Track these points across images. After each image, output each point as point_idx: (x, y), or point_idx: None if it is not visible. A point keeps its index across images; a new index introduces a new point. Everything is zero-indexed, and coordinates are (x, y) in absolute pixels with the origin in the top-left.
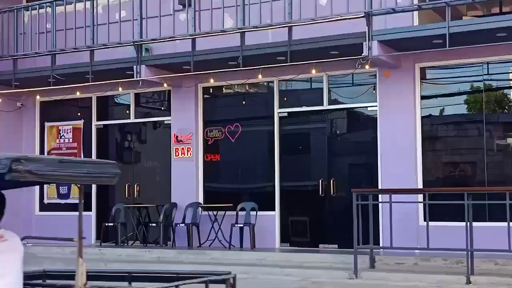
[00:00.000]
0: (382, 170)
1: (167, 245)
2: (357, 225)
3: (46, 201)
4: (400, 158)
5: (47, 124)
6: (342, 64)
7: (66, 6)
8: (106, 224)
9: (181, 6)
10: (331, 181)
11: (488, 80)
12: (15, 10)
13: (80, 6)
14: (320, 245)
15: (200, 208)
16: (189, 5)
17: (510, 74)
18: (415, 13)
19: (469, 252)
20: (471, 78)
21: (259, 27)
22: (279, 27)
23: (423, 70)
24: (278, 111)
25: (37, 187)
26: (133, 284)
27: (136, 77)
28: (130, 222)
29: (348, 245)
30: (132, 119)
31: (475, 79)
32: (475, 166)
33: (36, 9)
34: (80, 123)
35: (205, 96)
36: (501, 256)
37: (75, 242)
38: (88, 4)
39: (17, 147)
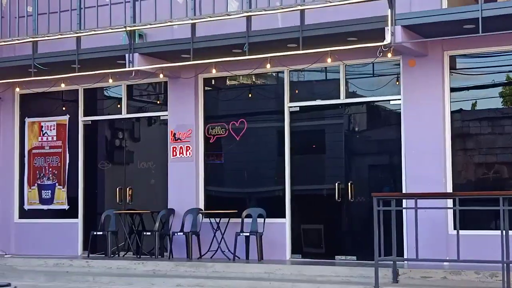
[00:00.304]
0: (407, 172)
1: (163, 257)
2: (378, 234)
3: (26, 207)
4: (427, 159)
5: (27, 120)
6: (361, 52)
7: None
8: (95, 233)
9: None
10: (349, 184)
11: None
12: None
13: None
14: (336, 256)
15: (200, 215)
16: None
17: None
18: None
19: (505, 264)
20: (507, 67)
21: (267, 10)
22: (290, 10)
23: (452, 59)
24: (288, 105)
25: (16, 191)
26: None
27: (129, 67)
28: (121, 230)
29: (368, 257)
30: (124, 114)
31: None
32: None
33: None
34: (65, 118)
35: (206, 88)
36: None
37: (58, 253)
38: None
39: None
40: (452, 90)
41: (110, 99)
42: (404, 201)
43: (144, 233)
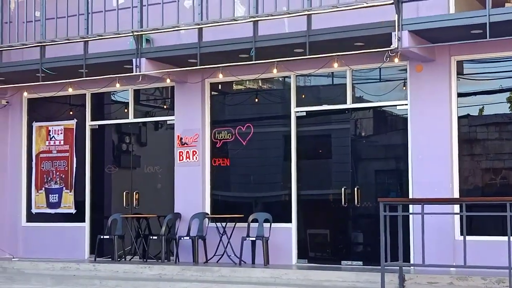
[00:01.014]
0: (413, 177)
1: (169, 261)
2: (385, 240)
3: (34, 210)
4: (434, 164)
5: (35, 124)
6: (368, 57)
7: None
8: (102, 237)
9: None
10: (355, 189)
11: None
12: None
13: None
14: (342, 261)
15: (207, 219)
16: None
17: None
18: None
19: None
20: None
21: (274, 15)
22: (297, 15)
23: (460, 64)
24: (295, 110)
25: (23, 195)
26: None
27: (136, 72)
28: (128, 234)
29: (374, 262)
30: (131, 119)
31: None
32: None
33: None
34: (72, 123)
35: (213, 93)
36: None
37: (65, 257)
38: None
39: (1, 150)
40: (459, 95)
41: (117, 103)
42: (410, 206)
43: (151, 237)
